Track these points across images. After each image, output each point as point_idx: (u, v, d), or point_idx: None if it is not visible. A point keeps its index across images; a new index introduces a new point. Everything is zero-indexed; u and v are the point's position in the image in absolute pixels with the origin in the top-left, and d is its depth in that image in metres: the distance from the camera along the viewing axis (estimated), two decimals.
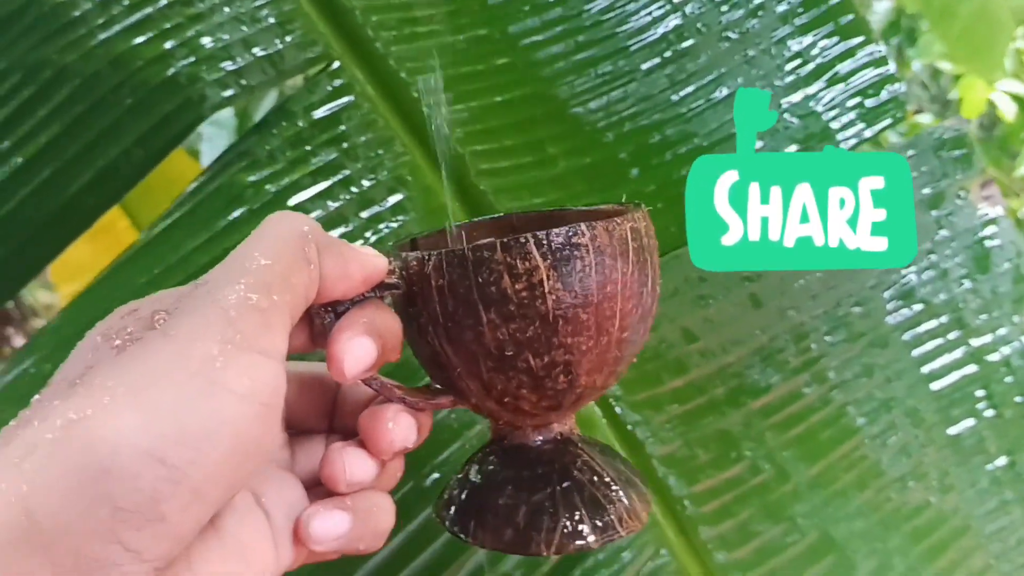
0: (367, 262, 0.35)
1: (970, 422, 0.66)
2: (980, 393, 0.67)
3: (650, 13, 0.66)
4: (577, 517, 0.38)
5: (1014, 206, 1.98)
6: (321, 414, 0.40)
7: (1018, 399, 0.67)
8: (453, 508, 0.40)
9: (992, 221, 0.68)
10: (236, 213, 0.55)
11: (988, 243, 0.68)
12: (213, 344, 0.28)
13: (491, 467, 0.41)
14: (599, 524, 0.38)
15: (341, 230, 0.56)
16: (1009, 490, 0.67)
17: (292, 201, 0.56)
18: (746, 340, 0.64)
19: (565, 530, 0.38)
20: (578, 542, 0.38)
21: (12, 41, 0.55)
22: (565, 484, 0.39)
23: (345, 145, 0.58)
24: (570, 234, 0.35)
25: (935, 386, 0.66)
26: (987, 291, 0.67)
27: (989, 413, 0.67)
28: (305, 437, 0.40)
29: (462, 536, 0.39)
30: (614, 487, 0.39)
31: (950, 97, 2.20)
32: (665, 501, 0.59)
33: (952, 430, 0.66)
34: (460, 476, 0.42)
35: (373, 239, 0.57)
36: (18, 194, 0.53)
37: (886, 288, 0.66)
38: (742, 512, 0.60)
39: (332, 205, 0.56)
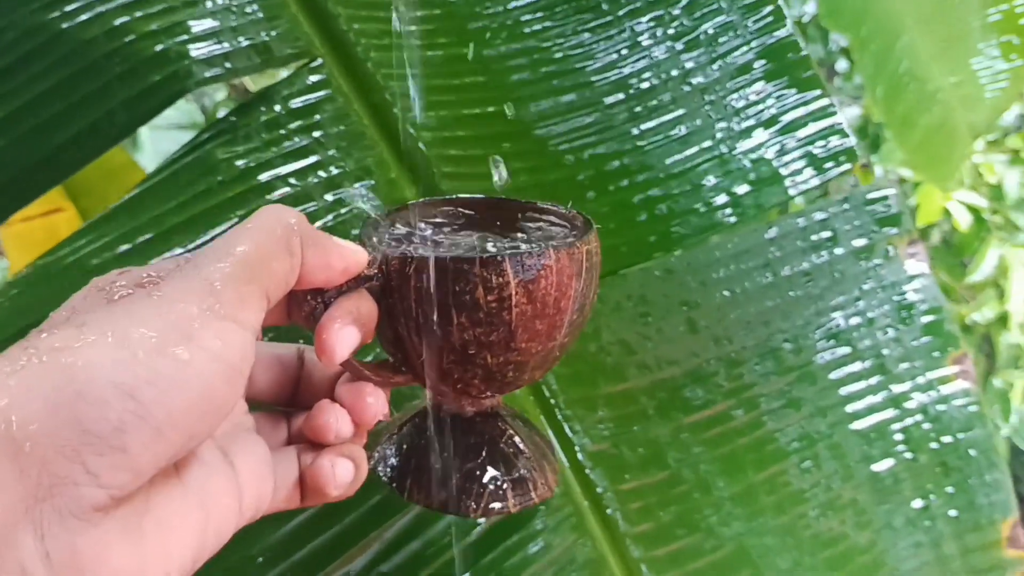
0: (347, 256, 0.38)
1: (889, 463, 0.70)
2: (899, 437, 0.70)
3: (617, 52, 0.71)
4: (502, 485, 0.42)
5: (963, 312, 2.04)
6: (281, 391, 0.44)
7: (934, 445, 0.71)
8: (391, 465, 0.44)
9: (917, 277, 0.73)
10: (207, 183, 0.58)
11: (912, 297, 0.72)
12: (193, 306, 0.31)
13: (428, 433, 0.44)
14: (519, 492, 0.43)
15: (307, 207, 0.59)
16: (922, 533, 0.70)
17: (263, 177, 0.59)
18: (681, 360, 0.67)
19: (490, 496, 0.42)
20: (500, 506, 0.42)
21: (12, 4, 0.58)
22: (492, 456, 0.43)
23: (318, 134, 0.62)
24: (540, 257, 0.38)
25: (857, 425, 0.70)
26: (908, 341, 0.72)
27: (907, 456, 0.70)
28: (266, 413, 0.43)
29: (398, 492, 0.43)
30: (532, 459, 0.44)
31: (909, 203, 2.29)
32: (591, 495, 0.61)
33: (872, 468, 0.69)
34: (397, 435, 0.45)
35: (333, 221, 0.60)
36: (3, 139, 0.55)
37: (816, 328, 0.70)
38: (663, 516, 0.62)
39: (299, 184, 0.60)
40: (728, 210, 0.70)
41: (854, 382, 0.70)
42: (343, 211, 0.60)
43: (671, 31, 0.72)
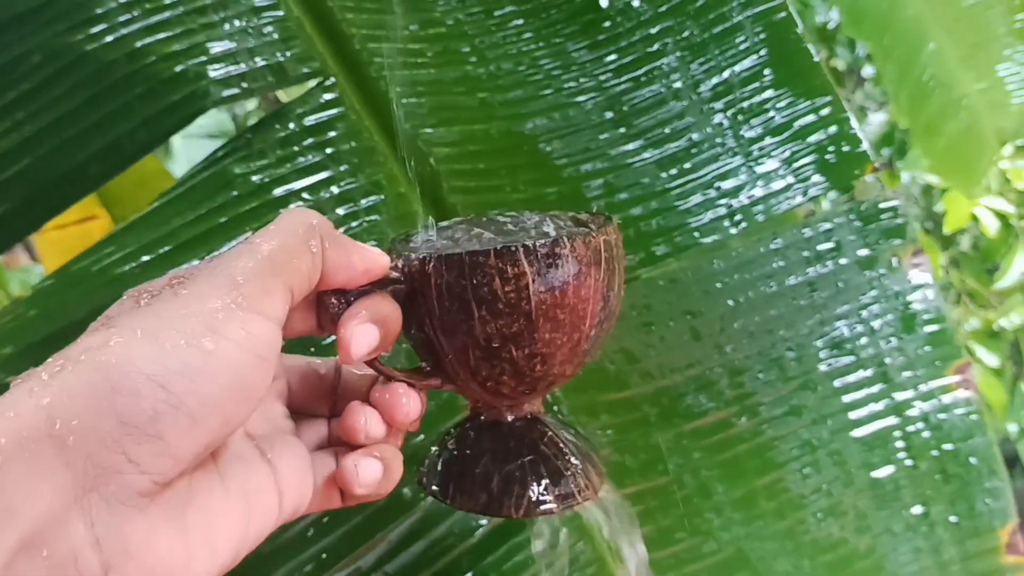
0: (368, 257, 0.40)
1: (889, 469, 0.71)
2: (900, 444, 0.71)
3: (623, 63, 0.73)
4: (542, 486, 0.44)
5: (991, 318, 2.03)
6: (321, 400, 0.46)
7: (935, 453, 0.72)
8: (434, 474, 0.46)
9: (921, 287, 0.74)
10: (223, 198, 0.61)
11: (915, 307, 0.73)
12: (218, 301, 0.34)
13: (469, 440, 0.46)
14: (560, 493, 0.44)
15: None
16: (921, 539, 0.71)
17: (277, 192, 0.62)
18: (683, 368, 0.69)
19: (531, 497, 0.44)
20: (542, 507, 0.44)
21: (39, 26, 0.61)
22: (532, 457, 0.45)
23: (330, 150, 0.64)
24: (554, 245, 0.40)
25: (859, 432, 0.71)
26: (911, 350, 0.73)
27: (908, 463, 0.71)
28: (307, 420, 0.45)
29: (442, 499, 0.45)
30: (574, 460, 0.45)
31: (936, 210, 2.28)
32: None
33: (872, 475, 0.70)
34: (440, 446, 0.47)
35: (347, 234, 0.62)
36: (30, 155, 0.59)
37: (819, 337, 0.71)
38: (664, 520, 0.64)
39: (312, 199, 0.62)
40: (739, 216, 0.72)
41: (856, 390, 0.71)
42: (354, 224, 0.63)
43: (679, 39, 0.74)
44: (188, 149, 1.91)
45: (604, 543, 0.63)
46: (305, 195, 0.62)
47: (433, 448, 0.47)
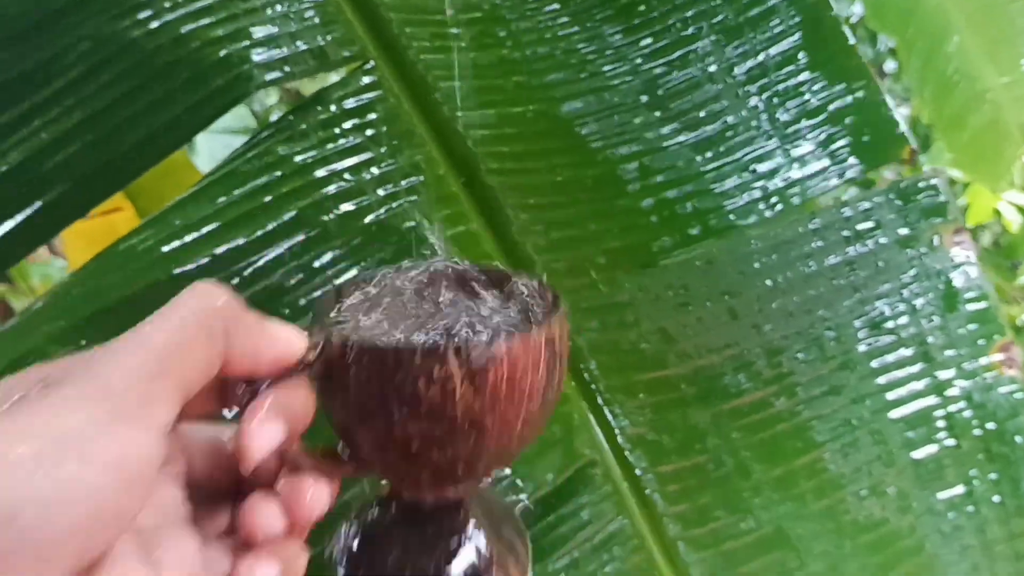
0: (278, 343, 0.36)
1: (931, 449, 0.70)
2: (941, 423, 0.71)
3: (659, 46, 0.73)
4: None
5: (1014, 314, 2.02)
6: (227, 478, 0.40)
7: (977, 432, 0.71)
8: (343, 556, 0.42)
9: (962, 265, 0.73)
10: (268, 178, 0.61)
11: (957, 285, 0.73)
12: (83, 412, 0.29)
13: (384, 523, 0.43)
14: None
15: (360, 200, 0.62)
16: (964, 518, 0.70)
17: (319, 172, 0.62)
18: (721, 348, 0.69)
19: None
20: None
21: (88, 14, 0.62)
22: (450, 552, 0.41)
23: (370, 132, 0.65)
24: (488, 347, 0.35)
25: (899, 412, 0.71)
26: (953, 329, 0.72)
27: (949, 443, 0.71)
28: (208, 502, 0.40)
29: None
30: (492, 558, 0.42)
31: (959, 203, 2.26)
32: (630, 476, 0.63)
33: (913, 455, 0.70)
34: (355, 523, 0.43)
35: (385, 214, 0.63)
36: (78, 142, 0.59)
37: (858, 316, 0.71)
38: (702, 498, 0.64)
39: (353, 180, 0.63)
40: (775, 199, 0.72)
41: (897, 369, 0.71)
42: (394, 204, 0.63)
43: (714, 23, 0.74)
44: (211, 145, 1.92)
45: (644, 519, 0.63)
46: (347, 175, 0.63)
47: (346, 524, 0.43)
